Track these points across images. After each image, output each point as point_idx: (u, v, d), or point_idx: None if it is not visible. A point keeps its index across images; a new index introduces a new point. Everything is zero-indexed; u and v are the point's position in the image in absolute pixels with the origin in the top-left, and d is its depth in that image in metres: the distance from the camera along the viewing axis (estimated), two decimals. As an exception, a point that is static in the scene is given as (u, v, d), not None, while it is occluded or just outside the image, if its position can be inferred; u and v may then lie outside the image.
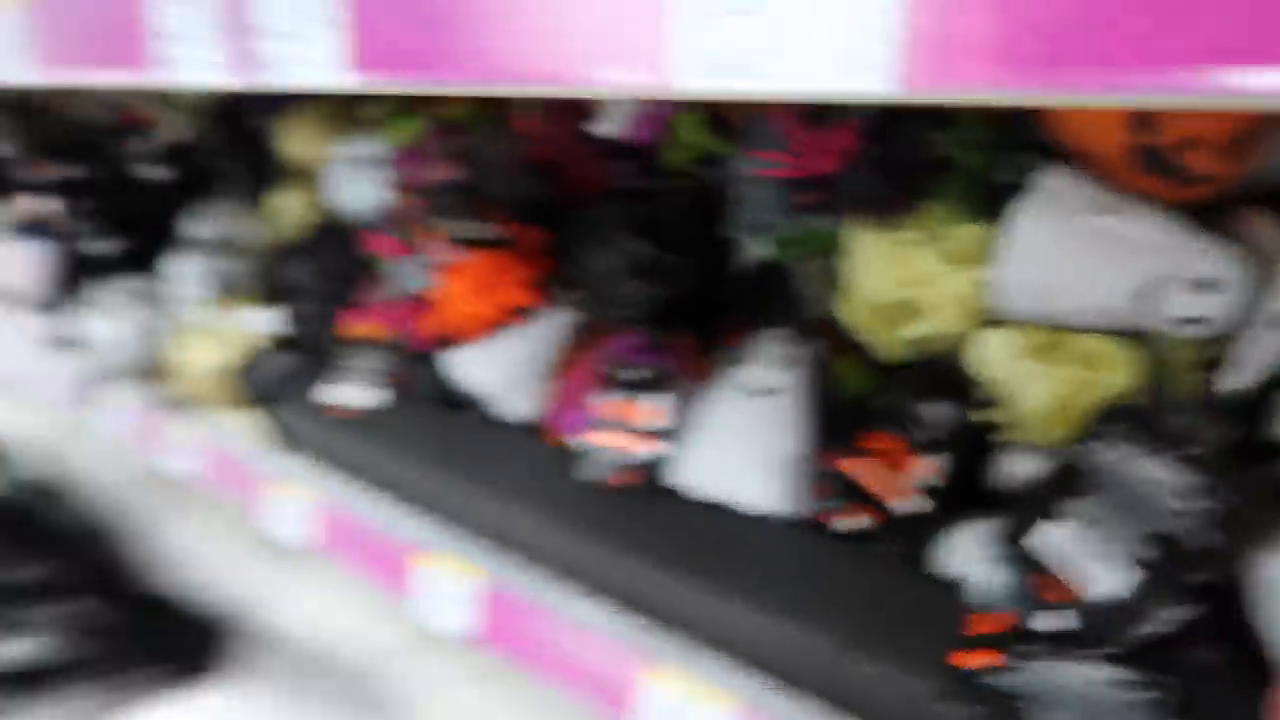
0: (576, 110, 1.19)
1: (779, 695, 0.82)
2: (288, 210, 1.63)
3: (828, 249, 0.96)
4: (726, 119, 1.14)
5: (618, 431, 0.98)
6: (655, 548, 0.90)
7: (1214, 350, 0.74)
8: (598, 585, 0.99)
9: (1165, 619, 0.65)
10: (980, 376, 0.89)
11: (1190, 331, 0.73)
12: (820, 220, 0.94)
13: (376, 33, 0.68)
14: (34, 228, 2.03)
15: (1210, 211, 0.76)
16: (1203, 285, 0.71)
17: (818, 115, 0.94)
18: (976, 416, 0.87)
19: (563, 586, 1.03)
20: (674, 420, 0.97)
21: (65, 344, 1.80)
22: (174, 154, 1.89)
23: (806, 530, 0.88)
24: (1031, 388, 0.83)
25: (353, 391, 1.29)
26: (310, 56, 0.72)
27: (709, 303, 1.06)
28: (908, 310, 0.92)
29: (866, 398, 0.94)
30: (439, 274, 1.14)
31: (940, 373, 0.92)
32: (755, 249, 1.04)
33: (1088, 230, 0.75)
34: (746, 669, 0.87)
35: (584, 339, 1.12)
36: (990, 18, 0.42)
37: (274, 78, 0.76)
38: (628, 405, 0.98)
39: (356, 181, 1.52)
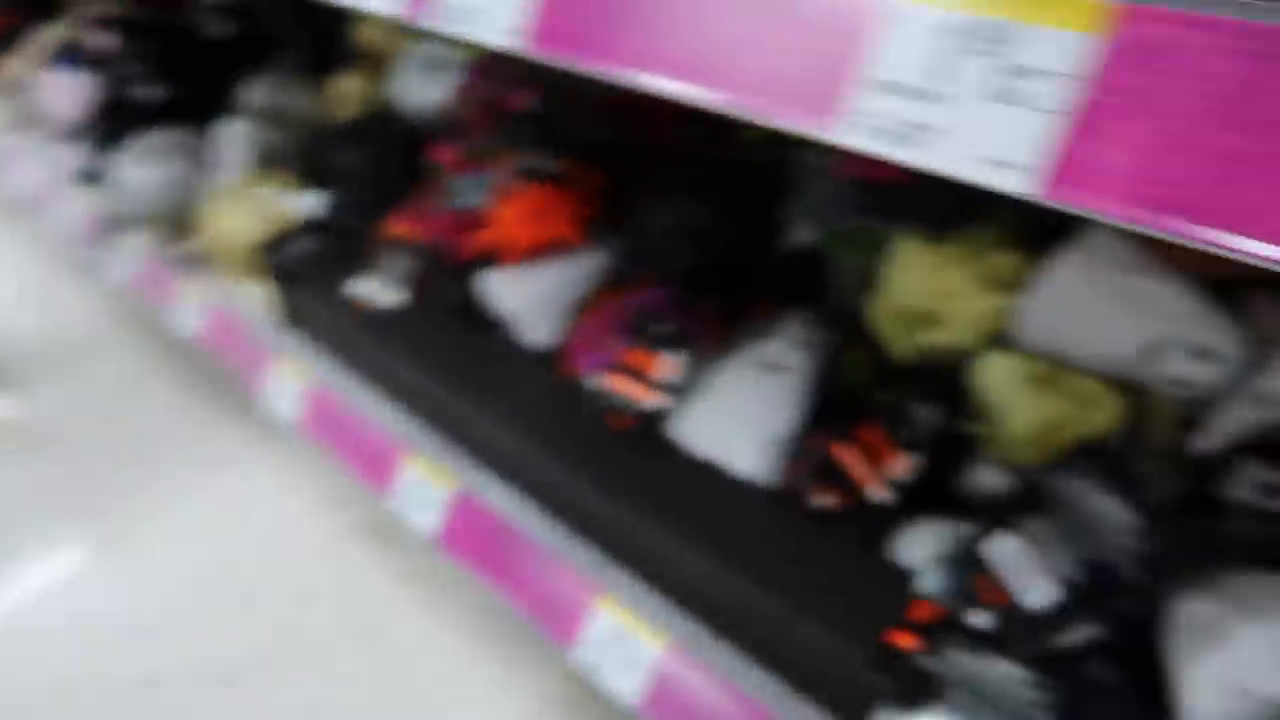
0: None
1: (709, 639, 0.98)
2: (348, 94, 1.77)
3: (872, 249, 1.10)
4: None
5: (631, 378, 1.12)
6: (640, 491, 1.05)
7: (1193, 411, 0.88)
8: (576, 516, 1.14)
9: (1080, 635, 0.79)
10: (977, 391, 1.03)
11: (1179, 392, 0.87)
12: (873, 221, 1.08)
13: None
14: (74, 57, 2.18)
15: (1231, 286, 0.90)
16: (1201, 354, 0.85)
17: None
18: (963, 426, 1.02)
19: (535, 508, 1.18)
20: (686, 378, 1.11)
21: (92, 179, 1.95)
22: (242, 9, 2.03)
23: (783, 501, 1.03)
24: (1022, 412, 0.96)
25: (377, 288, 1.44)
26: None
27: (746, 275, 1.20)
28: (929, 319, 1.06)
29: (866, 390, 1.08)
30: (494, 197, 1.29)
31: (940, 379, 1.06)
32: (801, 234, 1.18)
33: (1114, 286, 0.89)
34: (697, 615, 1.02)
35: (617, 285, 1.26)
36: (1131, 158, 0.50)
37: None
38: (646, 355, 1.13)
39: (425, 81, 1.66)
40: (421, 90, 1.64)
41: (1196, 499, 0.82)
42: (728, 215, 1.14)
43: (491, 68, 1.58)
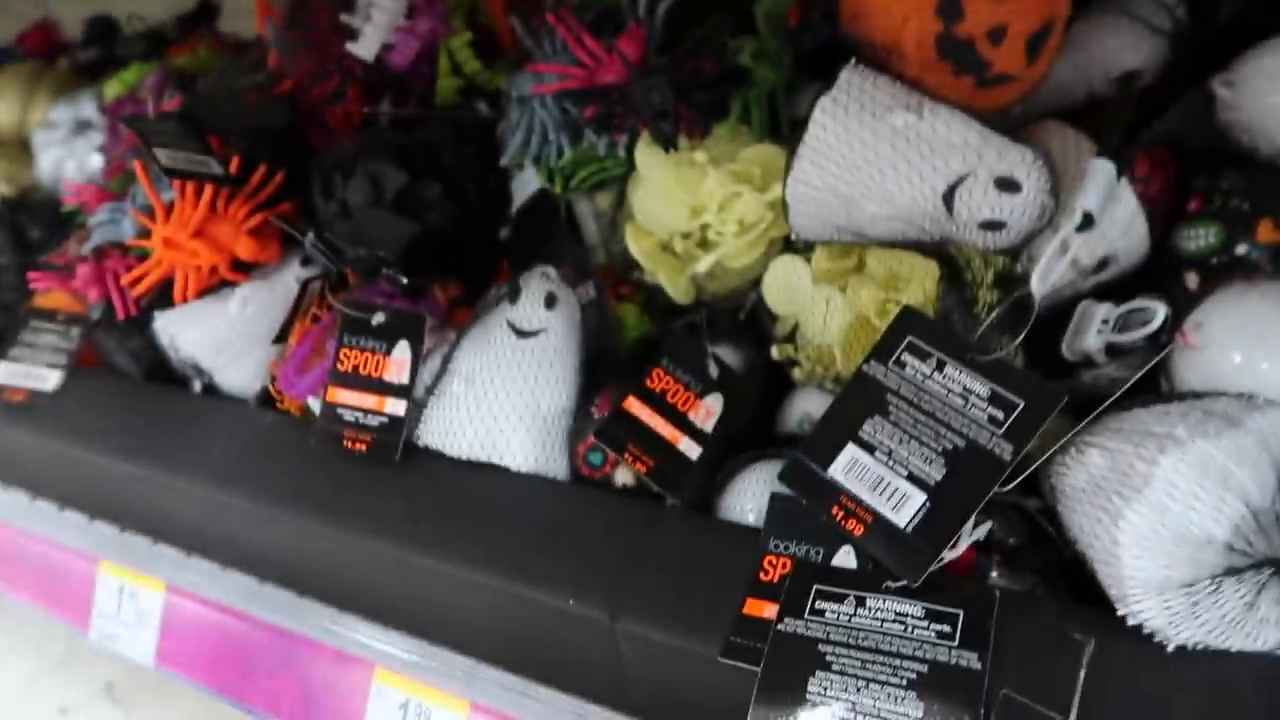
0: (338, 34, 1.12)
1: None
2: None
3: (607, 178, 0.93)
4: (501, 45, 1.11)
5: (361, 389, 0.89)
6: (396, 523, 0.81)
7: (1013, 266, 0.75)
8: (327, 583, 0.88)
9: (963, 540, 0.63)
10: (774, 310, 0.87)
11: (992, 239, 0.74)
12: (598, 138, 0.91)
13: None
14: None
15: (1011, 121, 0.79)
16: (1004, 184, 0.72)
17: (602, 22, 0.92)
18: (770, 355, 0.86)
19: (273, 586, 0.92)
20: (428, 373, 0.89)
21: None
22: None
23: (578, 488, 0.82)
24: (829, 317, 0.81)
25: (27, 370, 1.13)
26: None
27: (480, 247, 1.00)
28: (696, 242, 0.90)
29: (649, 341, 0.90)
30: (149, 218, 1.02)
31: (731, 312, 0.90)
32: (532, 186, 0.99)
33: (888, 130, 0.75)
34: (498, 655, 0.79)
35: (327, 293, 1.02)
36: None
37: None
38: (374, 356, 0.90)
39: (60, 147, 1.39)
40: (57, 157, 1.37)
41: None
42: (428, 175, 0.94)
43: (129, 98, 1.31)
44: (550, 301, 0.88)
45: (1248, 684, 0.55)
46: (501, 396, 0.84)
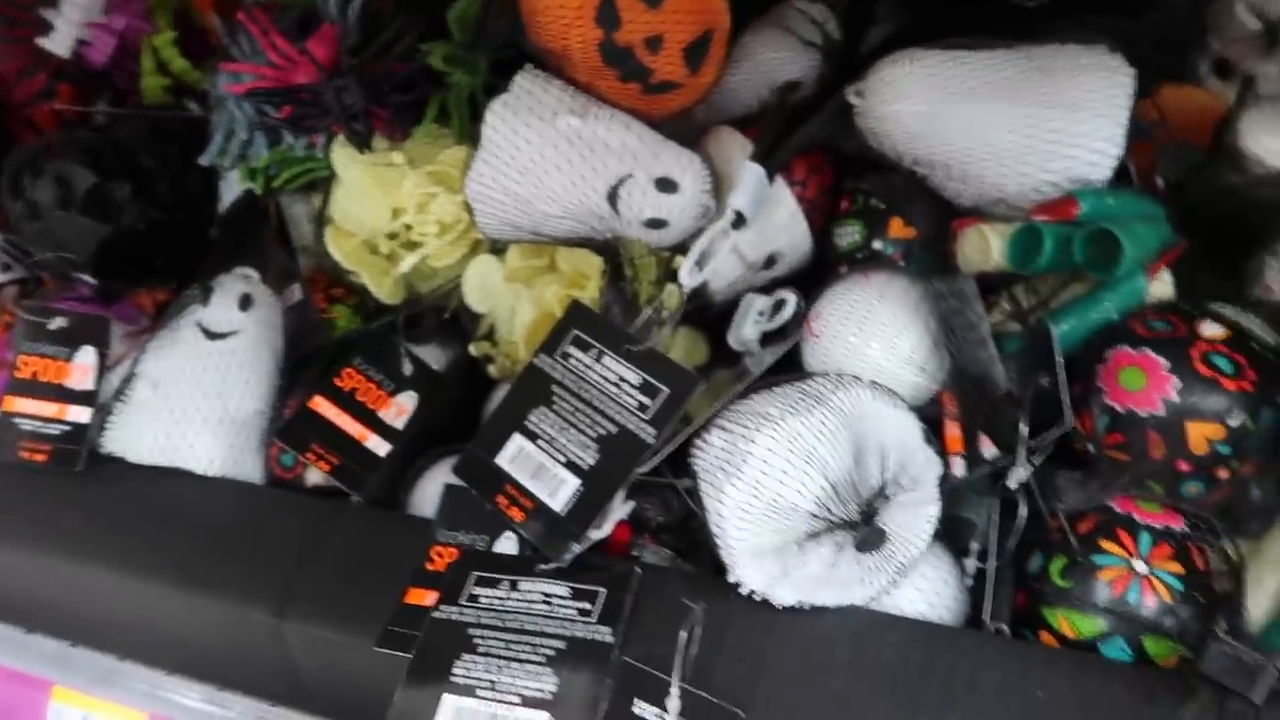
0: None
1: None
2: None
3: (309, 179, 0.93)
4: (213, 43, 1.08)
5: (41, 396, 0.85)
6: (73, 534, 0.79)
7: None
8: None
9: (609, 520, 0.66)
10: (473, 309, 0.89)
11: (656, 237, 0.78)
12: (300, 144, 0.91)
13: None
14: None
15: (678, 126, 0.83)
16: (663, 185, 0.76)
17: (298, 24, 0.92)
18: (470, 351, 0.88)
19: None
20: (115, 378, 0.87)
21: None
22: None
23: (266, 490, 0.82)
24: (518, 313, 0.84)
25: None
26: None
27: (184, 249, 0.98)
28: (402, 243, 0.91)
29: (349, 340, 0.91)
30: None
31: (434, 310, 0.91)
32: (240, 187, 0.98)
33: (554, 133, 0.78)
34: (182, 665, 0.77)
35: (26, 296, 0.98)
36: None
37: None
38: (54, 363, 0.86)
39: None
40: None
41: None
42: (120, 175, 0.91)
43: None
44: (245, 303, 0.87)
45: (840, 637, 0.61)
46: (186, 400, 0.83)
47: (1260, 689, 0.48)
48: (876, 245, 0.80)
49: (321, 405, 0.82)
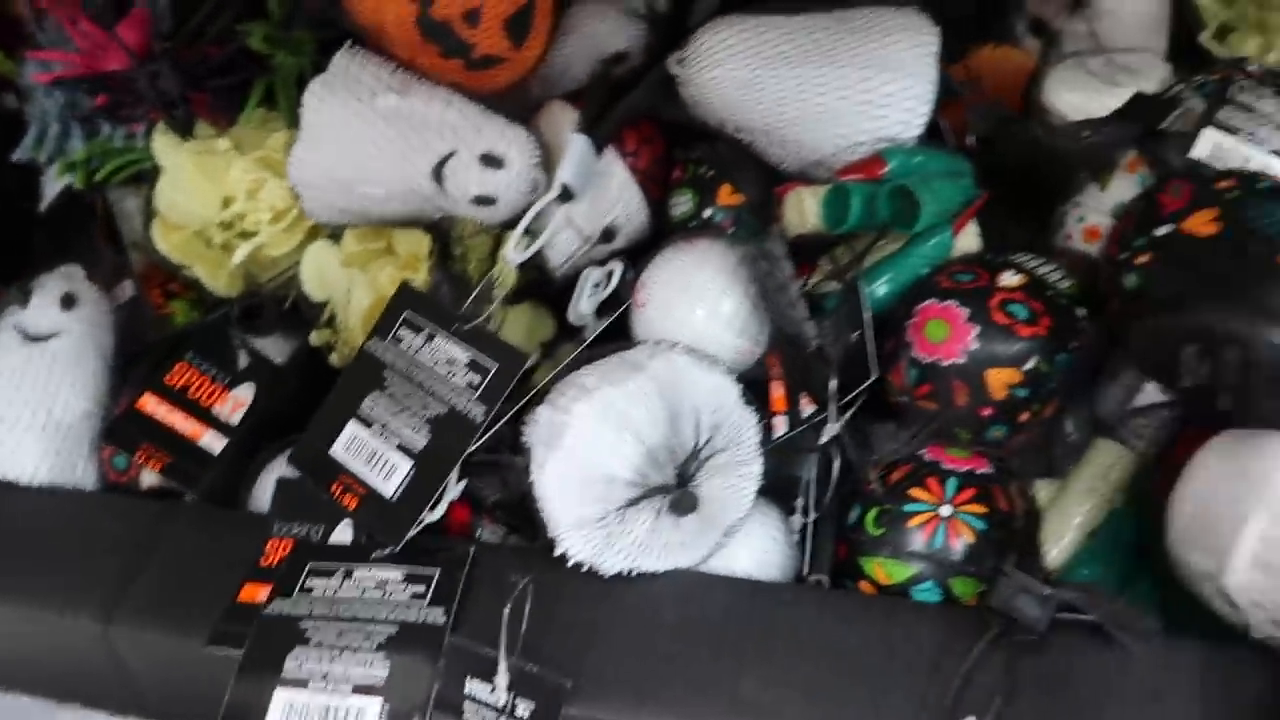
0: None
1: None
2: None
3: (135, 170, 0.89)
4: (19, 30, 1.04)
5: None
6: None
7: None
8: None
9: (442, 501, 0.66)
10: (312, 296, 0.87)
11: (485, 214, 0.77)
12: (119, 135, 0.87)
13: None
14: None
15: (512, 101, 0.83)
16: (489, 160, 0.76)
17: (112, 8, 0.88)
18: (311, 340, 0.86)
19: None
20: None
21: None
22: None
23: (96, 495, 0.79)
24: (354, 298, 0.82)
25: None
26: None
27: (3, 250, 0.94)
28: (236, 233, 0.88)
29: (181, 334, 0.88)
30: None
31: (273, 300, 0.89)
32: (59, 182, 0.94)
33: (373, 112, 0.77)
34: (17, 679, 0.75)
35: None
36: None
37: None
38: None
39: None
40: None
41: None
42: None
43: None
44: (68, 302, 0.84)
45: (666, 600, 0.62)
46: (5, 407, 0.80)
47: (1043, 618, 0.51)
48: (707, 213, 0.80)
49: (150, 403, 0.79)
